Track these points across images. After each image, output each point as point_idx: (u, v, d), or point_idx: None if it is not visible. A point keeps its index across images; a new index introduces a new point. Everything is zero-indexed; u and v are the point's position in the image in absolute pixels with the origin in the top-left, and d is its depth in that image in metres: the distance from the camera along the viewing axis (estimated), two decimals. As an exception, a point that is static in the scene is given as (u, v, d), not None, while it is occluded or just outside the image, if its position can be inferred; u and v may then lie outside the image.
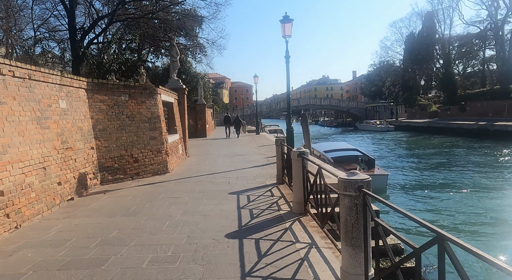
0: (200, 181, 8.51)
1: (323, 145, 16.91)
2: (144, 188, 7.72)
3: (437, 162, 20.39)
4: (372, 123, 50.48)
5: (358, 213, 2.92)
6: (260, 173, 9.44)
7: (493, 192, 12.90)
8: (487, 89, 40.59)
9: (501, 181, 14.86)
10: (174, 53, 13.21)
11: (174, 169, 10.33)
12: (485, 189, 13.37)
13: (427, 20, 56.15)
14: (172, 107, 11.95)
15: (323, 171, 4.51)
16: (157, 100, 9.44)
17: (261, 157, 13.08)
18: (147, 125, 9.08)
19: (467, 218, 10.12)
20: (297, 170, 5.45)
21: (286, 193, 6.91)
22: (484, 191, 13.07)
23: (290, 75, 11.51)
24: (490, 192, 12.98)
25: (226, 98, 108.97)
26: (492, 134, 30.10)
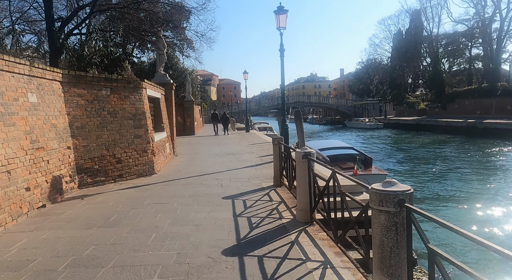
0: (190, 183, 7.79)
1: (318, 143, 16.34)
2: (128, 192, 6.95)
3: (431, 160, 20.14)
4: (361, 121, 50.41)
5: (398, 234, 2.29)
6: (255, 174, 8.77)
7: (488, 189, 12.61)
8: (475, 87, 40.91)
9: (496, 178, 14.63)
10: (161, 46, 12.39)
11: (161, 169, 9.56)
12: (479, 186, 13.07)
13: (415, 18, 56.42)
14: (159, 103, 11.15)
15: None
16: (142, 95, 8.66)
17: (253, 156, 12.41)
18: (131, 123, 8.29)
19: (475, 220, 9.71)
20: (302, 173, 4.80)
21: (286, 197, 6.27)
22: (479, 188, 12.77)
23: (279, 72, 10.89)
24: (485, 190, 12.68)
25: (214, 95, 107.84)
26: (481, 132, 30.20)
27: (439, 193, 12.85)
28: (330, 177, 3.90)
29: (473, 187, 13.39)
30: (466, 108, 39.78)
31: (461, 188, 13.30)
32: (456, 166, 17.92)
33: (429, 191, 13.14)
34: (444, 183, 14.33)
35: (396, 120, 48.05)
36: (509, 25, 36.98)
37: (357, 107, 63.71)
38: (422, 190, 13.29)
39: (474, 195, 12.22)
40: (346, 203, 3.52)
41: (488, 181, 14.32)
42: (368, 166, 12.75)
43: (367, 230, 3.01)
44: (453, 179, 14.90)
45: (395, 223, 2.29)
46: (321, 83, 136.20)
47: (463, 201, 11.64)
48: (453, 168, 17.40)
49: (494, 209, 10.53)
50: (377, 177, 11.96)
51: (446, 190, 13.16)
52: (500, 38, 37.27)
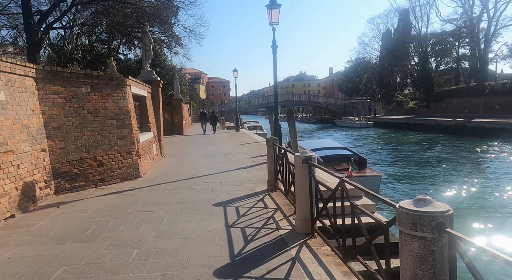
0: (178, 187, 7.25)
1: (310, 143, 15.97)
2: (110, 198, 6.38)
3: (423, 160, 19.99)
4: (351, 120, 50.39)
5: (436, 266, 1.84)
6: (247, 177, 8.29)
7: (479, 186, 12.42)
8: (463, 86, 41.25)
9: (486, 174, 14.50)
10: (147, 41, 11.76)
11: (147, 172, 8.99)
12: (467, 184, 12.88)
13: (403, 17, 56.73)
14: (145, 101, 10.55)
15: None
16: (126, 93, 8.07)
17: (244, 157, 11.92)
18: (114, 123, 7.70)
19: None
20: (302, 180, 4.34)
21: (282, 203, 5.80)
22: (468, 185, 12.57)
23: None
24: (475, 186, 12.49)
25: (202, 93, 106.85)
26: (470, 130, 30.35)
27: (434, 195, 12.61)
28: (338, 185, 3.44)
29: (468, 189, 13.21)
30: (455, 107, 40.05)
31: (457, 189, 13.10)
32: (449, 166, 17.79)
33: (424, 193, 12.90)
34: (438, 184, 14.11)
35: (385, 119, 48.19)
36: (496, 25, 37.36)
37: (346, 106, 63.81)
38: (418, 192, 13.03)
39: (476, 200, 12.01)
40: (359, 218, 3.06)
41: (483, 183, 14.18)
42: (363, 167, 12.41)
43: (388, 257, 2.56)
44: (447, 180, 14.70)
45: (431, 252, 1.84)
46: (310, 82, 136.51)
47: (465, 204, 11.40)
48: (446, 168, 17.26)
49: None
50: (372, 178, 11.66)
51: (442, 191, 12.93)
52: (487, 38, 37.62)
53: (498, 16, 36.44)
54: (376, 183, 11.68)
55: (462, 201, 11.51)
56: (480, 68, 37.61)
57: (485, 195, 12.01)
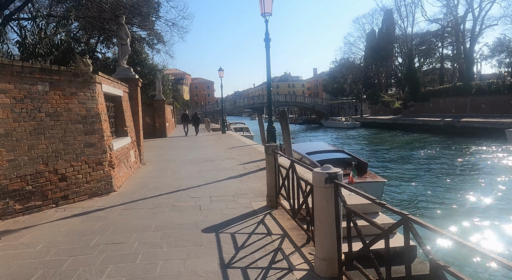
0: (158, 205, 6.01)
1: (303, 146, 14.90)
2: (71, 223, 5.10)
3: (417, 160, 19.30)
4: (338, 120, 49.92)
5: None
6: (241, 189, 7.12)
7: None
8: (450, 86, 41.29)
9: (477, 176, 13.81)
10: (123, 35, 10.43)
11: (122, 185, 7.69)
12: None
13: (386, 18, 56.79)
14: (121, 102, 9.23)
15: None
16: (95, 92, 6.77)
17: (234, 163, 10.74)
18: (81, 127, 6.40)
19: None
20: (325, 205, 3.22)
21: (289, 226, 4.68)
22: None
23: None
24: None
25: (186, 94, 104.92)
26: (459, 130, 30.10)
27: (431, 196, 11.76)
28: (399, 224, 2.32)
29: (463, 191, 12.44)
30: (441, 107, 40.02)
31: (455, 191, 12.31)
32: (445, 167, 17.11)
33: (421, 195, 12.03)
34: (434, 186, 13.31)
35: (372, 119, 47.90)
36: (482, 25, 37.47)
37: (333, 106, 63.47)
38: (415, 194, 12.15)
39: (472, 202, 11.21)
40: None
41: (479, 184, 13.46)
42: (363, 172, 11.44)
43: None
44: (441, 183, 13.94)
45: None
46: (295, 83, 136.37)
47: (467, 209, 10.57)
48: (442, 170, 16.55)
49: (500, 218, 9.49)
50: (375, 185, 10.69)
51: (438, 193, 12.11)
52: (473, 37, 37.69)
53: (483, 16, 36.58)
54: (379, 189, 10.72)
55: (464, 202, 10.69)
56: (466, 68, 37.66)
57: (483, 195, 11.26)
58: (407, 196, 12.10)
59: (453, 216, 9.96)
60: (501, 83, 32.81)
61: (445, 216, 10.02)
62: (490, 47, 51.98)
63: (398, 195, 12.24)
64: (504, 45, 49.78)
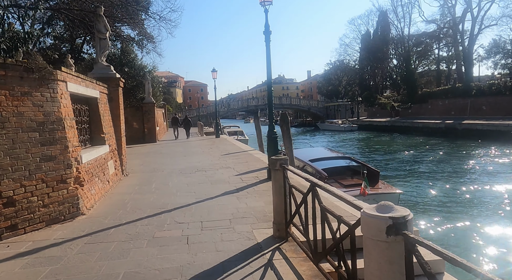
0: (134, 236, 4.68)
1: (305, 152, 13.59)
2: (9, 269, 3.74)
3: (421, 166, 18.17)
4: (334, 123, 48.84)
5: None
6: (239, 209, 5.81)
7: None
8: (448, 87, 40.49)
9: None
10: (102, 27, 9.09)
11: (95, 205, 6.33)
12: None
13: (381, 19, 56.08)
14: (97, 105, 7.88)
15: None
16: (57, 92, 5.43)
17: (230, 174, 9.44)
18: (36, 137, 5.05)
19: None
20: (388, 271, 1.93)
21: (309, 274, 3.38)
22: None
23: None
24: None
25: (179, 97, 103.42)
26: (461, 133, 29.17)
27: (452, 207, 10.57)
28: None
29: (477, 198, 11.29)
30: (440, 108, 39.18)
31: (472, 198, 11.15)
32: (455, 173, 15.99)
33: (441, 206, 10.83)
34: (452, 195, 12.14)
35: (369, 122, 46.92)
36: (481, 25, 36.76)
37: (329, 109, 62.48)
38: (432, 205, 10.95)
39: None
40: None
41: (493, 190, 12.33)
42: (375, 181, 10.17)
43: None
44: (458, 191, 12.78)
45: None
46: (289, 85, 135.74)
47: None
48: (452, 176, 15.42)
49: None
50: (390, 197, 9.41)
51: (459, 204, 10.93)
52: (472, 38, 36.95)
53: (482, 16, 35.86)
54: (394, 201, 9.44)
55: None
56: (466, 69, 36.87)
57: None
58: (424, 207, 10.87)
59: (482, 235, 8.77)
60: (502, 85, 32.01)
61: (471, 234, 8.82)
62: (486, 48, 51.57)
63: (414, 205, 11.00)
64: (500, 46, 49.35)
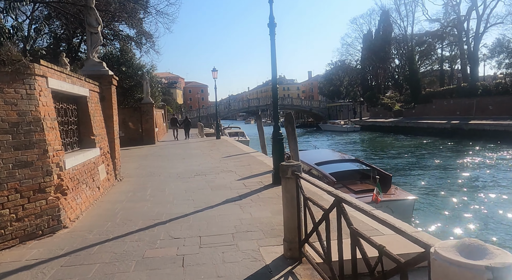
0: (120, 257, 3.99)
1: (310, 155, 12.86)
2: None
3: (435, 168, 17.44)
4: (337, 124, 48.10)
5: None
6: (242, 221, 5.13)
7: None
8: (453, 87, 39.77)
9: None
10: (93, 21, 8.43)
11: (81, 215, 5.65)
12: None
13: (383, 19, 55.39)
14: (86, 104, 7.21)
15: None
16: (34, 89, 4.75)
17: (232, 178, 8.76)
18: (9, 140, 4.38)
19: None
20: None
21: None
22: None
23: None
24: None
25: (180, 98, 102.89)
26: (467, 133, 28.45)
27: (473, 216, 9.86)
28: None
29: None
30: (445, 108, 38.44)
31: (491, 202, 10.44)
32: (471, 177, 15.27)
33: (460, 216, 10.12)
34: (471, 201, 11.43)
35: (372, 122, 46.19)
36: (487, 23, 36.04)
37: (331, 109, 61.76)
38: (450, 213, 10.23)
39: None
40: None
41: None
42: (387, 186, 9.48)
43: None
44: (478, 196, 12.08)
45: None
46: (290, 86, 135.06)
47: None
48: (468, 180, 14.71)
49: None
50: (404, 204, 8.74)
51: (483, 211, 10.22)
52: (477, 36, 36.22)
53: (488, 14, 35.12)
54: (408, 208, 8.78)
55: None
56: (471, 68, 36.14)
57: None
58: (441, 214, 10.13)
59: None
60: (510, 84, 31.29)
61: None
62: (489, 48, 50.83)
63: (429, 212, 10.27)
64: (504, 46, 48.63)
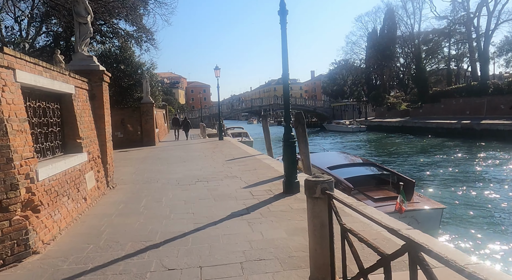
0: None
1: (320, 158, 11.83)
2: None
3: (455, 171, 16.37)
4: (342, 124, 47.05)
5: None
6: (253, 244, 4.20)
7: None
8: (463, 86, 38.66)
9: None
10: (82, 10, 7.52)
11: (59, 235, 4.73)
12: None
13: (388, 17, 54.27)
14: (71, 103, 6.30)
15: None
16: (-4, 83, 3.84)
17: (237, 185, 7.84)
18: (-41, 146, 3.46)
19: None
20: None
21: None
22: None
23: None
24: None
25: (182, 98, 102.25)
26: (479, 134, 27.38)
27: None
28: None
29: None
30: (454, 108, 37.35)
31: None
32: (491, 178, 14.26)
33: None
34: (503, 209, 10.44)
35: (378, 122, 45.11)
36: (498, 20, 34.88)
37: (335, 109, 60.69)
38: (483, 223, 9.23)
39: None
40: None
41: None
42: (409, 194, 8.49)
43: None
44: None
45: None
46: (292, 85, 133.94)
47: None
48: (490, 182, 13.70)
49: None
50: (432, 213, 7.77)
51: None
52: (487, 34, 35.09)
53: (499, 10, 33.99)
54: (436, 218, 7.82)
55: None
56: (481, 67, 35.03)
57: None
58: (472, 223, 9.11)
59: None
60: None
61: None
62: (497, 46, 49.65)
63: (459, 222, 9.25)
64: (512, 44, 47.55)
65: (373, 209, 5.31)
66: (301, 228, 4.71)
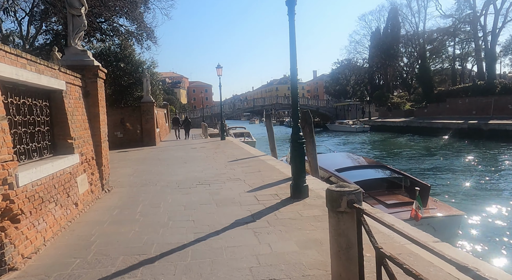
0: None
1: (327, 159, 11.26)
2: None
3: (469, 174, 15.73)
4: (345, 124, 46.44)
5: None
6: (260, 261, 3.69)
7: None
8: (469, 85, 37.99)
9: None
10: (75, 1, 7.03)
11: (44, 246, 4.24)
12: None
13: (392, 16, 53.64)
14: (62, 100, 5.80)
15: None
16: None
17: (241, 188, 7.33)
18: None
19: None
20: None
21: None
22: None
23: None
24: None
25: (184, 98, 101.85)
26: (488, 134, 26.75)
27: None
28: None
29: None
30: (459, 108, 36.70)
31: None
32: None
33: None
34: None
35: (382, 122, 44.49)
36: (506, 17, 34.22)
37: (338, 109, 60.07)
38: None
39: None
40: None
41: None
42: (424, 199, 7.93)
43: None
44: None
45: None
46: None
47: None
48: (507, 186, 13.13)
49: None
50: (450, 221, 7.23)
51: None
52: (494, 32, 34.43)
53: (507, 8, 33.31)
54: (454, 226, 7.28)
55: None
56: (488, 66, 34.39)
57: None
58: (495, 232, 8.53)
59: None
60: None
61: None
62: (503, 45, 48.94)
63: (480, 232, 8.67)
64: (519, 43, 46.86)
65: (405, 223, 4.78)
66: (314, 240, 4.20)
